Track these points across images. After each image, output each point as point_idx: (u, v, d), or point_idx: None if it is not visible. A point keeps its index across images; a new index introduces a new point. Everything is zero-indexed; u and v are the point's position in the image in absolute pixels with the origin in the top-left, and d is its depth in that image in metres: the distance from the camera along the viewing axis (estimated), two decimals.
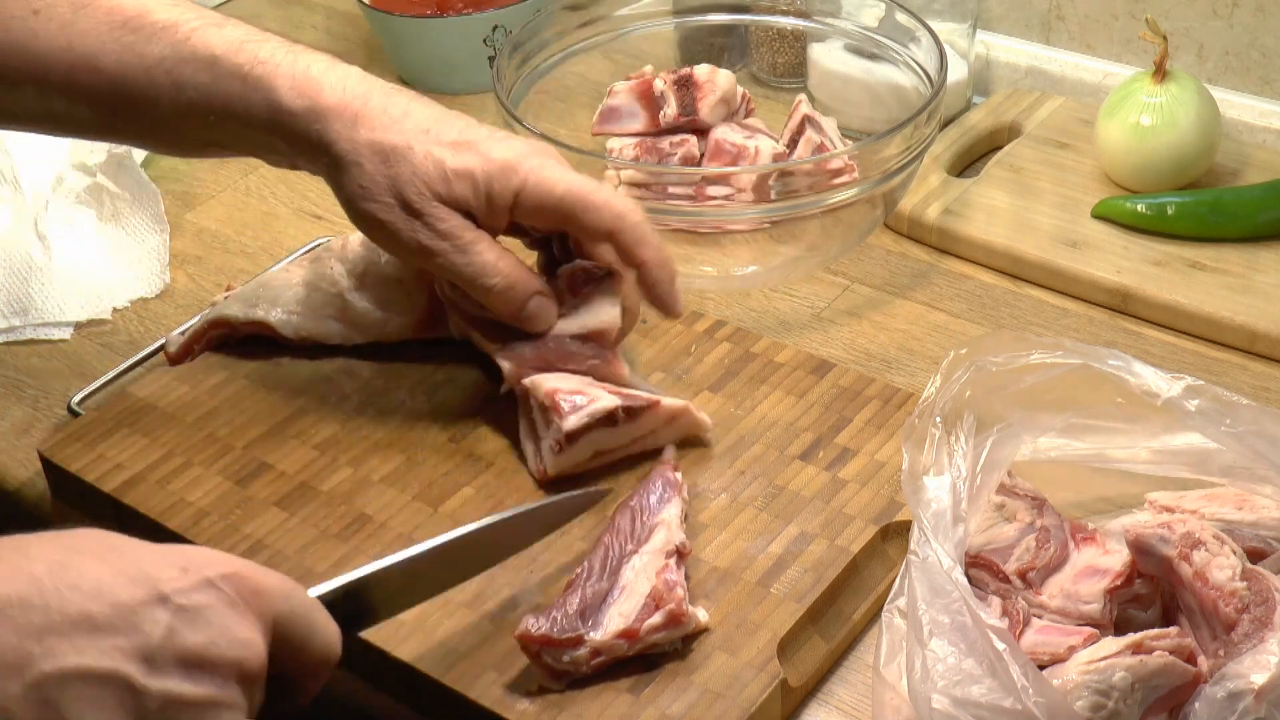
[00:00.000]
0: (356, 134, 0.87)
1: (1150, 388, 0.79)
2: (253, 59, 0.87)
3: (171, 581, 0.62)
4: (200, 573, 0.63)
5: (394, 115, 0.88)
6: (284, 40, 0.90)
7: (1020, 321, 1.07)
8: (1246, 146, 1.19)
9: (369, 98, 0.88)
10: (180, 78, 0.87)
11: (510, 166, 0.88)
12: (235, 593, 0.63)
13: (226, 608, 0.62)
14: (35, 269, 1.13)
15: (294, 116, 0.87)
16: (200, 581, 0.62)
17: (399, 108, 0.88)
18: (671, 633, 0.79)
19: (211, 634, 0.61)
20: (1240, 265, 1.07)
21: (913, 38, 1.13)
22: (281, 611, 0.65)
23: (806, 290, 1.11)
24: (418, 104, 0.90)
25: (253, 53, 0.88)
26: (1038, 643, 0.75)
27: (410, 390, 0.98)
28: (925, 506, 0.75)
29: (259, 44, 0.88)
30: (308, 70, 0.88)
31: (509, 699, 0.78)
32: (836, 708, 0.81)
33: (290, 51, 0.89)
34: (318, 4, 1.54)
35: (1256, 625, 0.72)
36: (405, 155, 0.87)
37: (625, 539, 0.82)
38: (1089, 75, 1.27)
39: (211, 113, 0.88)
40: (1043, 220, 1.13)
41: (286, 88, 0.87)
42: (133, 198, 1.20)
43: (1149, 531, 0.76)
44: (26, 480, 0.98)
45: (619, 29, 1.21)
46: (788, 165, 1.04)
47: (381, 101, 0.88)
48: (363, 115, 0.87)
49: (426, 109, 0.90)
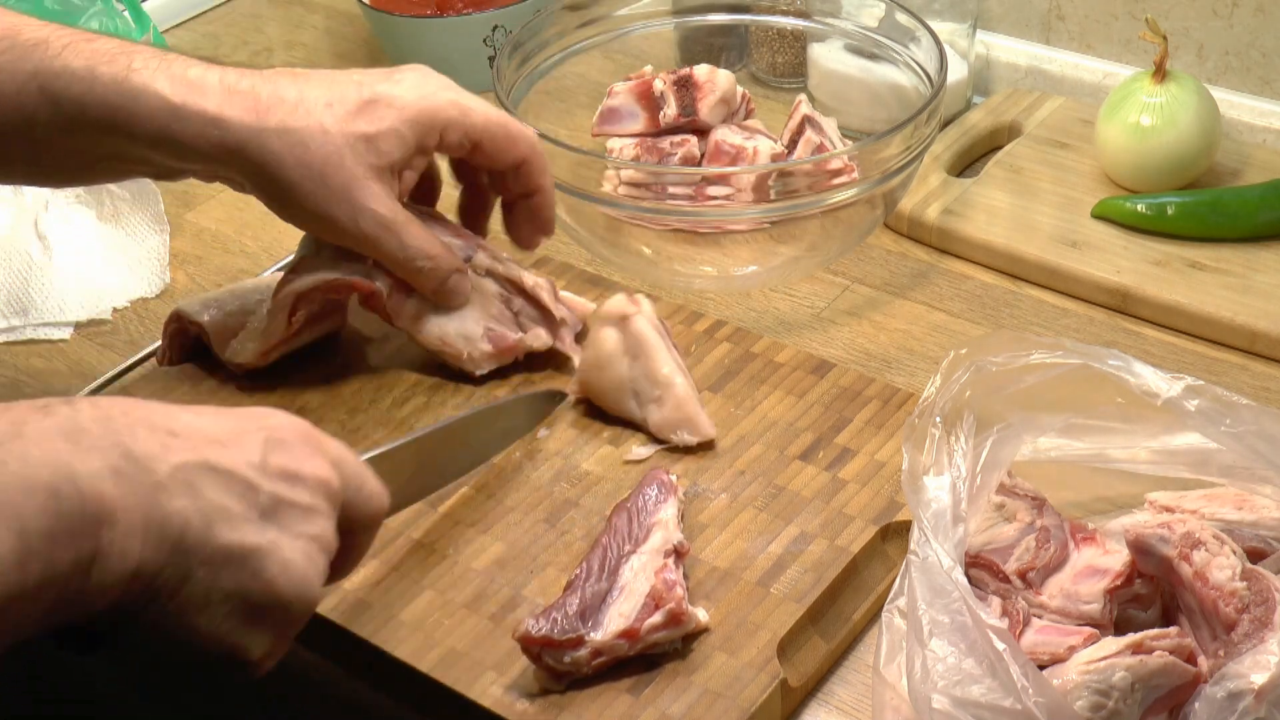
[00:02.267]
0: (263, 132, 0.86)
1: (1150, 388, 0.79)
2: (127, 68, 0.86)
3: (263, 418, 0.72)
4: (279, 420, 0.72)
5: (290, 100, 0.87)
6: (156, 50, 0.88)
7: (1020, 321, 1.07)
8: (1246, 146, 1.19)
9: (258, 91, 0.87)
10: (54, 92, 0.85)
11: (428, 111, 0.90)
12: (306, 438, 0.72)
13: (304, 444, 0.72)
14: (35, 269, 1.14)
15: (184, 122, 0.86)
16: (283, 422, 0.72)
17: (292, 91, 0.88)
18: (672, 632, 0.79)
19: (299, 457, 0.71)
20: (1240, 265, 1.07)
21: (913, 38, 1.13)
22: (340, 458, 0.73)
23: (806, 290, 1.11)
24: (305, 81, 0.89)
25: (126, 63, 0.86)
26: (1038, 643, 0.75)
27: (410, 390, 0.98)
28: (925, 506, 0.75)
29: (132, 54, 0.87)
30: (185, 74, 0.86)
31: (509, 699, 0.78)
32: (836, 708, 0.81)
33: (163, 59, 0.87)
34: (318, 4, 1.54)
35: (1256, 625, 0.72)
36: (321, 139, 0.87)
37: (623, 539, 0.82)
38: (1089, 75, 1.27)
39: (92, 127, 0.86)
40: (1043, 220, 1.13)
41: (170, 94, 0.86)
42: (133, 198, 1.20)
43: (1149, 531, 0.76)
44: None
45: (619, 29, 1.21)
46: (787, 165, 1.04)
47: (271, 90, 0.88)
48: (260, 110, 0.87)
49: (318, 85, 0.89)
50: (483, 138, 0.92)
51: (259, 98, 0.87)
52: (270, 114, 0.87)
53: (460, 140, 0.92)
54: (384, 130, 0.88)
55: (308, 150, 0.87)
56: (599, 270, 1.10)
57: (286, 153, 0.87)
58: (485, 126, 0.92)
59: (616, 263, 1.10)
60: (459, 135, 0.92)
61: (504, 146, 0.93)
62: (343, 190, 0.88)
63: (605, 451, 0.93)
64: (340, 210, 0.89)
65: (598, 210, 1.05)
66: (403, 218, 0.91)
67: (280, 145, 0.87)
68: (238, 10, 1.55)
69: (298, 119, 0.87)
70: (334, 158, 0.87)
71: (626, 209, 1.03)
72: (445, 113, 0.91)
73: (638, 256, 1.09)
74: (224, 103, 0.86)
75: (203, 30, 1.52)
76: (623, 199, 1.02)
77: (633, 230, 1.08)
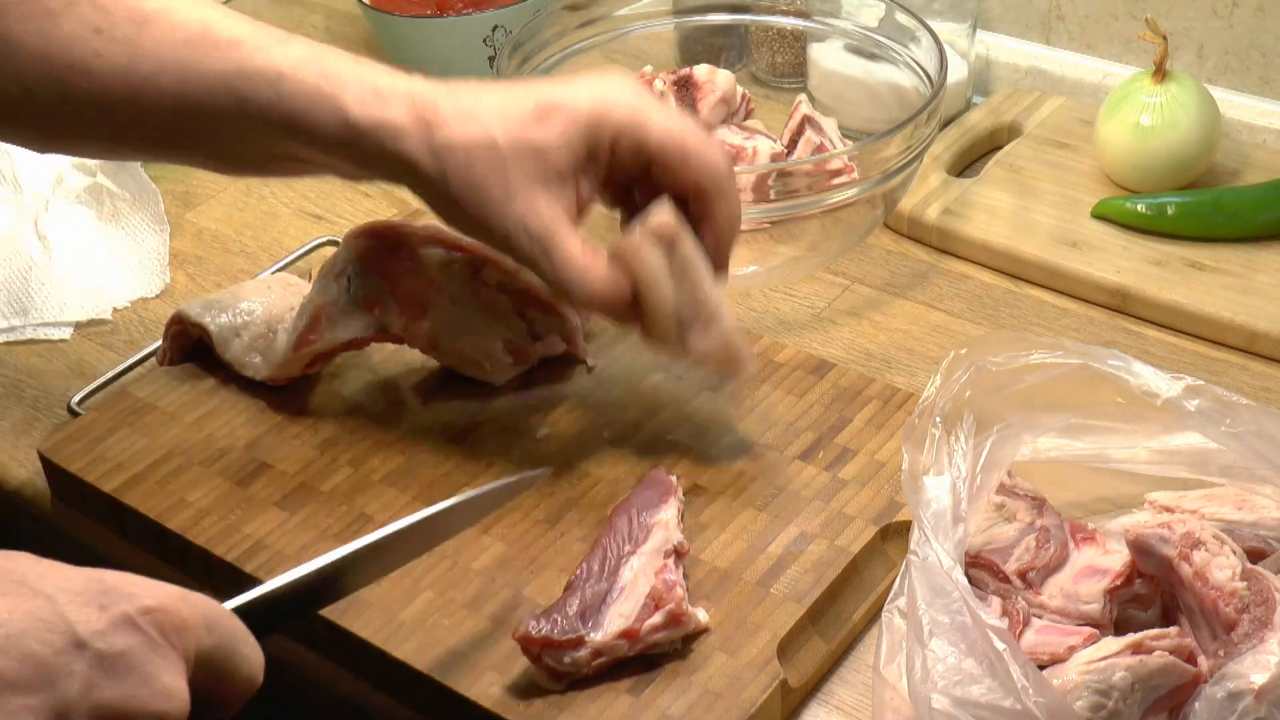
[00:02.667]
0: (435, 142, 0.83)
1: (1150, 388, 0.79)
2: (319, 74, 0.84)
3: (89, 624, 0.58)
4: (119, 608, 0.59)
5: (465, 109, 0.84)
6: (349, 54, 0.87)
7: (1020, 321, 1.07)
8: (1246, 146, 1.19)
9: (436, 101, 0.84)
10: (243, 94, 0.84)
11: (598, 114, 0.84)
12: (158, 632, 0.60)
13: (149, 651, 0.59)
14: (35, 269, 1.14)
15: (364, 134, 0.84)
16: (120, 620, 0.59)
17: (468, 101, 0.84)
18: (672, 633, 0.79)
19: (132, 685, 0.58)
20: (1240, 265, 1.07)
21: (913, 38, 1.13)
22: (205, 645, 0.62)
23: (806, 290, 1.11)
24: (483, 91, 0.85)
25: (319, 68, 0.84)
26: (1038, 643, 0.75)
27: (411, 390, 0.98)
28: (925, 506, 0.75)
29: (324, 59, 0.85)
30: (375, 84, 0.84)
31: (509, 700, 0.78)
32: (836, 708, 0.81)
33: (356, 65, 0.85)
34: (318, 4, 1.54)
35: (1256, 625, 0.72)
36: (486, 152, 0.83)
37: (623, 540, 0.82)
38: (1089, 75, 1.27)
39: (276, 130, 0.85)
40: (1043, 220, 1.13)
41: (354, 103, 0.84)
42: (133, 198, 1.20)
43: (1149, 531, 0.76)
44: (26, 480, 0.98)
45: (619, 29, 1.21)
46: (787, 165, 1.04)
47: (450, 101, 0.84)
48: (435, 122, 0.83)
49: (493, 93, 0.85)
50: (656, 152, 0.84)
51: (438, 109, 0.84)
52: (443, 127, 0.83)
53: (634, 150, 0.85)
54: (551, 137, 0.83)
55: (472, 164, 0.83)
56: None
57: (451, 167, 0.83)
58: (662, 139, 0.84)
59: None
60: (631, 144, 0.84)
61: (676, 166, 0.85)
62: (501, 204, 0.83)
63: (605, 451, 0.93)
64: (497, 224, 0.84)
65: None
66: (563, 233, 0.84)
67: (447, 159, 0.83)
68: (238, 10, 1.54)
69: (469, 131, 0.83)
70: (497, 171, 0.83)
71: None
72: (617, 116, 0.84)
73: None
74: (405, 115, 0.83)
75: None
76: None
77: None
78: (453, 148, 0.83)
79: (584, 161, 0.84)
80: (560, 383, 0.98)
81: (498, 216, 0.83)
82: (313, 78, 0.84)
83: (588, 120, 0.84)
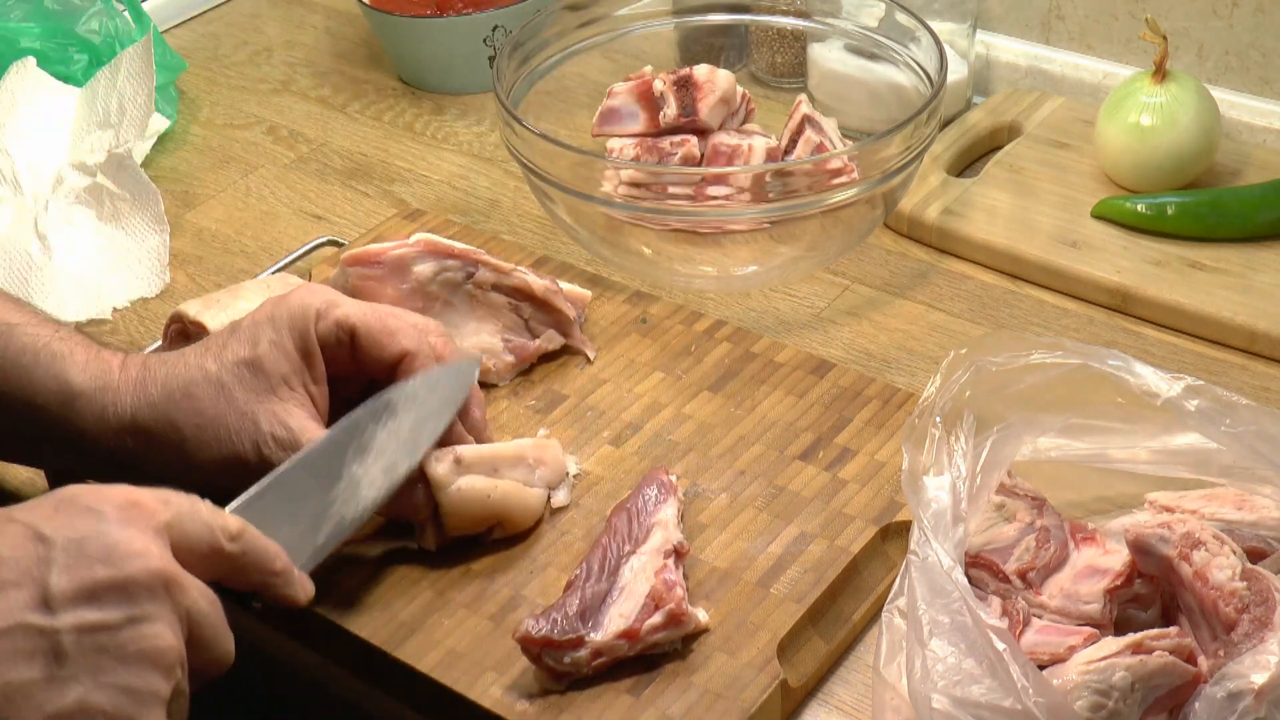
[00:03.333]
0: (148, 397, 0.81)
1: (1150, 388, 0.80)
2: (50, 336, 0.82)
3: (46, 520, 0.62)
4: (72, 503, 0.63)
5: (170, 359, 0.83)
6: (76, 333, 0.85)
7: (1020, 321, 1.07)
8: (1246, 146, 1.19)
9: (146, 362, 0.83)
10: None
11: (290, 305, 0.84)
12: (114, 510, 0.63)
13: (109, 526, 0.62)
14: (35, 269, 1.13)
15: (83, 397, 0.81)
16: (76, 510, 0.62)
17: (172, 355, 0.83)
18: (672, 633, 0.79)
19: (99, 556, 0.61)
20: (1240, 265, 1.07)
21: (913, 38, 1.13)
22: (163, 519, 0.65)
23: (806, 290, 1.11)
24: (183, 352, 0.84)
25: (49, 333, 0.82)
26: (1038, 643, 0.75)
27: None
28: (925, 506, 0.75)
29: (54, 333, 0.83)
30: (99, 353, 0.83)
31: (509, 699, 0.78)
32: (836, 708, 0.81)
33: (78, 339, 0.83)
34: (318, 4, 1.54)
35: (1256, 625, 0.72)
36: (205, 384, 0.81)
37: (623, 540, 0.82)
38: (1089, 75, 1.27)
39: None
40: (1042, 220, 1.13)
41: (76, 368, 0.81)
42: (133, 198, 1.20)
43: (1149, 531, 0.76)
44: (26, 480, 0.98)
45: (619, 29, 1.21)
46: (787, 165, 1.04)
47: (158, 359, 0.83)
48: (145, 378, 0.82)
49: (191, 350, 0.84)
50: (358, 327, 0.84)
51: (146, 366, 0.82)
52: (151, 379, 0.82)
53: (334, 331, 0.84)
54: (260, 345, 0.82)
55: (195, 400, 0.81)
56: (599, 270, 1.10)
57: (175, 409, 0.81)
58: (360, 316, 0.84)
59: (616, 263, 1.10)
60: (330, 325, 0.84)
61: (380, 340, 0.84)
62: (242, 427, 0.81)
63: (605, 451, 0.93)
64: (247, 445, 0.81)
65: (598, 210, 1.05)
66: (311, 430, 0.82)
67: (167, 404, 0.81)
68: (238, 10, 1.55)
69: (179, 372, 0.82)
70: (223, 397, 0.81)
71: (626, 209, 1.03)
72: (308, 301, 0.84)
73: (638, 256, 1.09)
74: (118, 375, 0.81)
75: (203, 30, 1.52)
76: (623, 199, 1.02)
77: (633, 230, 1.08)
78: (169, 394, 0.81)
79: (299, 359, 0.83)
80: (560, 383, 0.98)
81: (245, 438, 0.81)
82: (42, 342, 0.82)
83: (284, 316, 0.83)
